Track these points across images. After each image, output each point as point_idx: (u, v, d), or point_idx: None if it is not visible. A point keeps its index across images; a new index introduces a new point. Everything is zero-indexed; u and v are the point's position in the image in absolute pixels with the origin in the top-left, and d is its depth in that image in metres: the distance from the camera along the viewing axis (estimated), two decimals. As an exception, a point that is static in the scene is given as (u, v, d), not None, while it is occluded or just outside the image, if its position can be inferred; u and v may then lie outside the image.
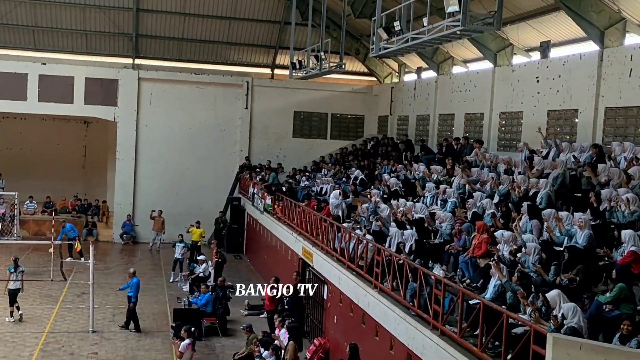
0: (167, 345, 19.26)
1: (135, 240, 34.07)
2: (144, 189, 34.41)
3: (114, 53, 34.87)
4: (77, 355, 18.06)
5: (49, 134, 38.08)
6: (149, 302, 23.57)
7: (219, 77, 35.11)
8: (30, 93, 32.87)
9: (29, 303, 22.57)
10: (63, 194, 35.98)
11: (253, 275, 28.91)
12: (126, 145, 34.13)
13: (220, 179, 34.91)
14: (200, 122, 34.74)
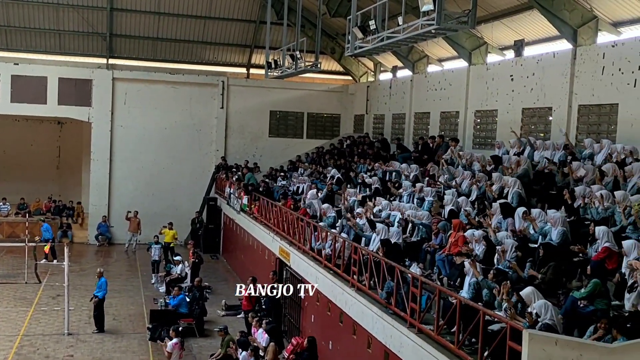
0: (144, 346, 19.14)
1: (111, 242, 33.79)
2: (119, 189, 34.16)
3: (88, 53, 34.57)
4: (53, 357, 17.89)
5: (22, 134, 37.63)
6: (125, 303, 23.41)
7: (194, 77, 34.95)
8: (3, 94, 32.47)
9: (2, 306, 22.32)
10: (37, 196, 35.63)
11: (230, 275, 28.82)
12: (101, 146, 33.84)
13: (196, 179, 34.76)
14: (175, 122, 34.55)
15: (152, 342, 19.37)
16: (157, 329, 19.67)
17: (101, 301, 20.44)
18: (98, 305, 20.38)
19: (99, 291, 20.42)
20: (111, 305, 22.50)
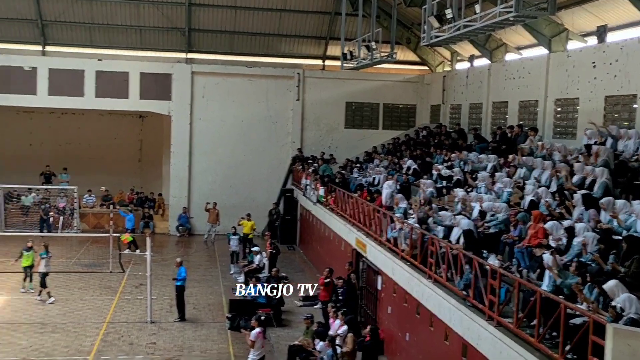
0: (224, 335, 19.51)
1: (191, 232, 34.56)
2: (199, 181, 34.88)
3: (168, 48, 35.34)
4: (136, 345, 18.43)
5: (106, 128, 38.83)
6: (204, 293, 23.91)
7: (270, 70, 35.30)
8: (87, 89, 33.62)
9: (89, 294, 23.15)
10: (120, 188, 36.70)
11: (306, 266, 29.05)
12: (180, 139, 34.62)
13: (273, 171, 35.14)
14: (252, 115, 35.00)
15: (231, 331, 19.72)
16: (236, 318, 20.02)
17: (182, 290, 20.92)
18: (179, 294, 20.87)
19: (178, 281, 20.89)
20: (191, 295, 23.04)
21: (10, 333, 18.76)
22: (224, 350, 18.32)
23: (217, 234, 32.88)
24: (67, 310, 21.20)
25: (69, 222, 33.39)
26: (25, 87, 33.16)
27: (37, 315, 20.43)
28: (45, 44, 34.23)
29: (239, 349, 18.18)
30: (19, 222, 32.97)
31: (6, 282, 23.75)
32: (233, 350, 18.29)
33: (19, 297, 22.33)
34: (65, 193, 34.11)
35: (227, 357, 17.86)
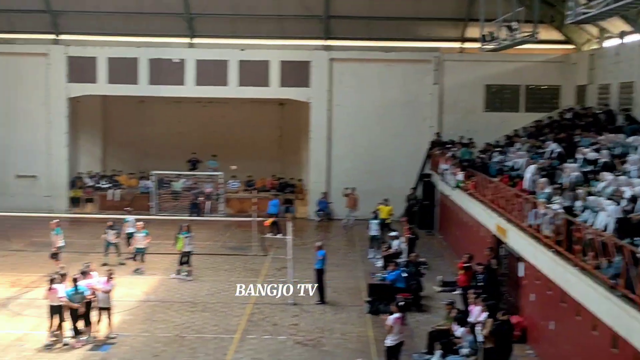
0: (363, 319, 19.77)
1: (330, 217, 35.13)
2: (337, 167, 35.38)
3: (306, 36, 35.93)
4: (280, 325, 19.05)
5: (248, 116, 40.10)
6: (343, 277, 24.28)
7: (407, 54, 35.14)
8: (231, 78, 34.91)
9: (234, 276, 24.13)
10: (262, 174, 37.87)
11: (445, 251, 28.81)
12: (319, 125, 35.22)
13: (410, 156, 35.01)
14: (390, 100, 35.01)
15: (370, 315, 19.95)
16: (375, 302, 20.22)
17: (321, 273, 21.35)
18: (319, 277, 21.32)
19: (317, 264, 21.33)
20: (331, 279, 23.44)
21: (165, 311, 19.93)
22: (364, 334, 18.58)
23: (356, 219, 33.22)
24: (215, 290, 22.23)
25: (215, 207, 34.92)
26: (175, 78, 34.92)
27: (188, 295, 21.56)
28: (192, 36, 35.82)
29: (378, 332, 18.36)
30: (171, 207, 34.89)
31: (160, 263, 25.19)
32: (373, 334, 18.50)
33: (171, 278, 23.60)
34: (212, 179, 35.69)
35: (367, 340, 18.11)
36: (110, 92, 36.16)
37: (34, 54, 35.21)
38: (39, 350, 16.73)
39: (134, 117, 40.09)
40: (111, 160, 39.63)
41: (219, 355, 16.68)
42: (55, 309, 17.06)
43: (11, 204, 34.49)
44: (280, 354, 16.90)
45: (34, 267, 24.26)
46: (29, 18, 35.67)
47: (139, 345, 17.08)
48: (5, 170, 35.69)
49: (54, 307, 17.06)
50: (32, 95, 35.28)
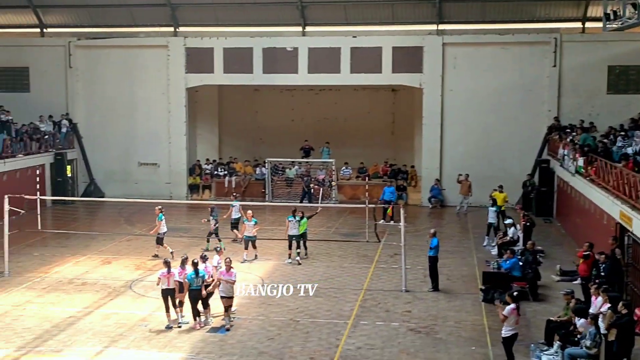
0: (477, 307, 19.46)
1: (443, 204, 34.75)
2: (450, 153, 34.90)
3: (419, 20, 35.59)
4: (392, 312, 19.04)
5: (360, 103, 40.20)
6: (458, 264, 23.97)
7: (524, 36, 34.12)
8: (343, 65, 35.05)
9: (347, 262, 24.31)
10: (374, 160, 37.86)
11: (564, 239, 27.89)
12: (432, 111, 34.83)
13: (526, 141, 34.07)
14: (505, 84, 34.15)
15: (485, 304, 19.61)
16: (490, 291, 19.84)
17: (435, 260, 21.15)
18: (432, 264, 21.14)
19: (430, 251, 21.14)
20: (444, 266, 23.20)
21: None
22: (478, 322, 18.28)
23: (469, 205, 32.74)
24: (328, 276, 22.47)
25: (328, 193, 35.27)
26: (288, 66, 35.44)
27: (301, 280, 21.89)
28: (305, 24, 36.18)
29: (493, 321, 18.01)
30: (284, 193, 35.54)
31: (274, 249, 25.73)
32: (487, 322, 18.18)
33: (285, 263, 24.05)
34: (325, 166, 36.04)
35: (482, 329, 17.80)
36: (226, 82, 37.14)
37: (154, 46, 36.65)
38: (161, 330, 17.47)
39: (249, 106, 41.09)
40: (227, 148, 40.78)
41: (332, 339, 16.86)
42: (167, 292, 17.68)
43: (134, 190, 36.23)
44: (393, 340, 16.90)
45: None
46: (149, 12, 37.15)
47: (255, 328, 17.52)
48: (129, 159, 37.41)
49: (167, 290, 17.69)
50: (153, 86, 36.76)
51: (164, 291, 17.70)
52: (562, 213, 30.77)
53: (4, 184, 29.16)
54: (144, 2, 36.79)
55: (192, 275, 17.54)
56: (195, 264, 17.69)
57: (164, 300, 17.71)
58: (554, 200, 31.99)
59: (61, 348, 16.25)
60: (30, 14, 38.04)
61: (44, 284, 21.33)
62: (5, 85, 37.89)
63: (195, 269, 17.59)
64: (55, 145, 35.96)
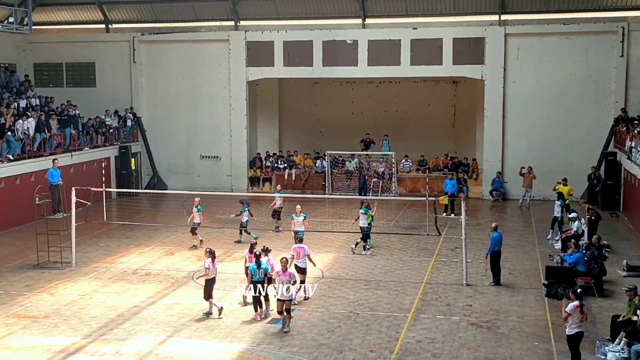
0: (540, 302, 19.13)
1: (505, 197, 34.25)
2: (513, 145, 34.37)
3: (480, 11, 35.10)
4: (453, 306, 18.87)
5: (420, 95, 39.91)
6: (520, 259, 23.61)
7: (590, 25, 33.28)
8: (403, 58, 34.82)
9: (407, 255, 24.21)
10: (435, 153, 37.55)
11: (632, 234, 27.18)
12: (494, 103, 34.33)
13: (592, 133, 33.30)
14: (569, 75, 33.41)
15: (548, 299, 19.27)
16: (554, 285, 19.48)
17: (497, 255, 20.84)
18: (494, 258, 20.85)
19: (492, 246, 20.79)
20: (507, 260, 22.89)
21: (339, 288, 20.40)
22: (542, 317, 17.97)
23: (532, 198, 32.20)
24: (388, 269, 22.42)
25: (388, 186, 35.15)
26: (348, 59, 35.41)
27: (361, 273, 21.92)
28: (365, 17, 36.07)
29: (557, 317, 17.66)
30: (344, 186, 35.58)
31: (334, 241, 25.81)
32: (550, 318, 17.86)
33: (345, 255, 24.12)
34: (384, 158, 35.92)
35: (545, 324, 17.49)
36: (286, 75, 37.34)
37: (216, 41, 37.09)
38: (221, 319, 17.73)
39: (309, 99, 41.24)
40: (287, 141, 41.03)
41: (392, 333, 16.83)
42: (211, 282, 18.15)
43: (196, 183, 36.85)
44: (454, 334, 16.76)
45: (218, 242, 25.69)
46: (211, 6, 37.59)
47: (315, 320, 17.61)
48: (192, 152, 38.01)
49: (211, 280, 18.15)
50: (214, 79, 37.22)
51: (207, 281, 18.13)
52: (629, 207, 29.95)
53: (71, 177, 29.98)
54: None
55: (253, 267, 17.73)
56: (257, 256, 17.85)
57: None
58: (621, 193, 31.16)
59: (126, 337, 16.65)
60: (96, 11, 38.97)
61: (110, 274, 21.88)
62: (73, 80, 38.98)
63: (258, 261, 17.75)
64: (120, 138, 36.82)
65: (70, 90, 38.15)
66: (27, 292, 19.97)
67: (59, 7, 39.26)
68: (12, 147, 28.65)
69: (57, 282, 20.95)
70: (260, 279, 17.70)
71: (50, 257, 22.88)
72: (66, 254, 22.84)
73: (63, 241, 22.89)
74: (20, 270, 22.34)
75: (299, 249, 19.42)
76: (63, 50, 38.82)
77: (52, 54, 38.91)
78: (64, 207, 23.91)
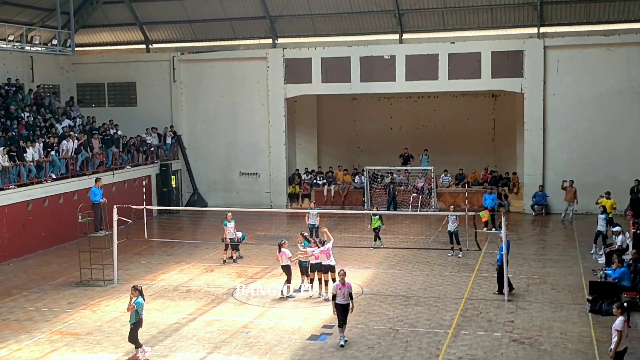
0: (584, 318, 18.77)
1: (547, 211, 33.78)
2: (554, 159, 33.91)
3: (519, 24, 34.87)
4: (494, 322, 18.62)
5: (459, 109, 39.66)
6: (563, 273, 23.23)
7: (632, 36, 32.79)
8: (441, 72, 34.71)
9: (447, 270, 23.98)
10: (473, 167, 37.24)
11: (678, 248, 26.49)
12: (534, 116, 33.97)
13: (635, 146, 32.78)
14: (611, 87, 32.92)
15: (592, 314, 18.90)
16: (598, 301, 19.12)
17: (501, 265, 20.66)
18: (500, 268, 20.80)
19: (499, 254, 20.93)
20: (549, 275, 22.63)
21: (379, 304, 20.29)
22: (586, 334, 17.62)
23: (575, 212, 31.71)
24: (428, 285, 22.23)
25: (427, 201, 34.93)
26: (386, 74, 35.42)
27: (401, 289, 21.78)
28: (402, 32, 36.08)
29: (601, 333, 17.35)
30: (383, 201, 35.46)
31: (374, 257, 25.74)
32: (595, 334, 17.51)
33: (384, 271, 24.01)
34: (424, 173, 35.74)
35: (589, 341, 17.15)
36: (324, 92, 37.49)
37: (254, 59, 37.44)
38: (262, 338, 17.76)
39: (347, 114, 41.31)
40: (325, 157, 41.12)
41: (432, 349, 16.66)
42: (285, 268, 20.98)
43: (235, 200, 37.12)
44: (495, 351, 16.53)
45: (257, 259, 25.84)
46: (249, 25, 38.04)
47: (354, 336, 17.53)
48: (231, 168, 38.34)
49: (283, 267, 21.03)
50: (253, 96, 37.55)
51: (282, 267, 21.15)
52: (675, 220, 29.26)
53: (113, 195, 30.44)
54: (243, 16, 37.69)
55: (139, 302, 16.39)
56: (140, 291, 16.49)
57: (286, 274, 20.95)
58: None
59: (167, 353, 16.77)
60: (137, 31, 39.71)
61: (151, 291, 22.09)
62: (115, 100, 39.69)
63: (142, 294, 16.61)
64: (161, 156, 37.30)
65: (112, 110, 38.84)
66: (70, 309, 20.27)
67: (101, 28, 40.11)
68: (56, 166, 29.25)
69: (100, 299, 21.23)
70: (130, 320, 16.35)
71: (93, 275, 23.19)
72: (108, 271, 23.15)
73: (105, 259, 23.21)
74: (64, 288, 22.70)
75: (325, 251, 20.49)
76: (105, 71, 39.59)
77: (94, 75, 39.71)
78: (106, 225, 24.23)
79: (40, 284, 23.23)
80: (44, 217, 28.39)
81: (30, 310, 20.34)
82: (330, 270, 20.35)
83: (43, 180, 28.64)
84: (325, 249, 20.43)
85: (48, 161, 29.00)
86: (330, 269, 20.35)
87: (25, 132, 30.44)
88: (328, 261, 20.45)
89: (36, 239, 27.99)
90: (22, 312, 20.19)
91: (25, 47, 31.26)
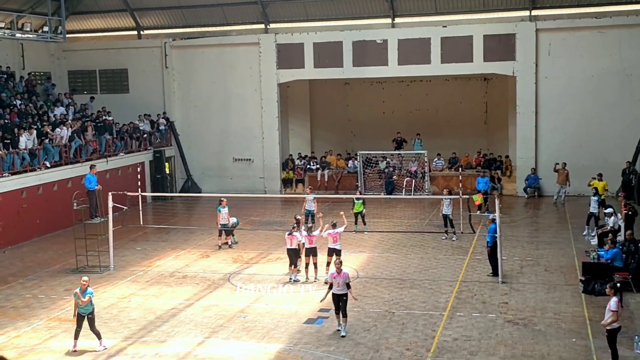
0: (577, 299, 18.99)
1: (540, 194, 33.98)
2: (546, 141, 34.09)
3: (510, 7, 34.88)
4: (489, 303, 18.81)
5: (451, 93, 39.73)
6: (556, 255, 23.44)
7: (623, 19, 32.88)
8: (434, 56, 34.74)
9: (442, 253, 24.17)
10: (466, 150, 37.37)
11: (669, 229, 26.80)
12: (526, 99, 34.08)
13: (627, 128, 32.91)
14: (603, 69, 33.04)
15: (585, 295, 19.12)
16: (590, 281, 19.34)
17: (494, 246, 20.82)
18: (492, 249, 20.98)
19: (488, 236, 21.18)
20: (542, 257, 22.85)
21: (374, 287, 20.46)
22: (579, 314, 17.84)
23: (567, 195, 31.92)
24: (423, 268, 22.41)
25: (420, 185, 35.08)
26: (378, 59, 35.43)
27: (396, 272, 21.94)
28: (394, 16, 36.05)
29: (594, 312, 17.57)
30: (377, 186, 35.60)
31: (367, 241, 25.90)
32: (588, 314, 17.73)
33: (379, 255, 24.17)
34: (417, 157, 35.86)
35: (582, 320, 17.37)
36: (316, 76, 37.47)
37: (246, 44, 37.36)
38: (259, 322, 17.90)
39: (340, 99, 41.34)
40: (318, 142, 41.16)
41: (428, 331, 16.84)
42: (292, 251, 21.19)
43: (229, 186, 37.15)
44: (490, 332, 16.72)
45: (252, 244, 25.97)
46: (241, 10, 37.92)
47: (351, 320, 17.63)
48: (224, 155, 38.36)
49: (290, 250, 21.20)
50: (245, 82, 37.50)
51: (287, 250, 21.30)
52: (666, 201, 29.55)
53: (107, 182, 30.36)
54: (235, 1, 37.56)
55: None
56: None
57: (289, 258, 21.20)
58: (658, 188, 30.76)
59: (165, 338, 16.90)
60: (128, 18, 39.53)
61: (147, 277, 22.20)
62: (107, 87, 39.58)
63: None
64: (154, 143, 37.27)
65: (105, 97, 38.73)
66: (67, 296, 20.32)
67: (92, 15, 39.90)
68: (49, 154, 29.22)
69: (96, 285, 21.26)
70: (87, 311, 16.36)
71: (89, 262, 23.28)
72: (104, 258, 23.23)
73: (101, 245, 23.29)
74: (60, 275, 22.78)
75: (334, 234, 20.86)
76: (96, 58, 39.44)
77: (85, 62, 39.55)
78: (101, 212, 24.27)
79: (37, 271, 23.31)
80: (38, 205, 28.41)
81: (27, 298, 20.44)
82: (336, 253, 20.64)
83: (37, 168, 28.62)
84: (335, 232, 20.88)
85: (41, 149, 28.94)
86: (336, 252, 20.68)
87: (17, 120, 30.35)
88: (334, 245, 20.87)
89: (31, 227, 28.03)
90: (19, 300, 20.28)
91: (15, 34, 31.15)
